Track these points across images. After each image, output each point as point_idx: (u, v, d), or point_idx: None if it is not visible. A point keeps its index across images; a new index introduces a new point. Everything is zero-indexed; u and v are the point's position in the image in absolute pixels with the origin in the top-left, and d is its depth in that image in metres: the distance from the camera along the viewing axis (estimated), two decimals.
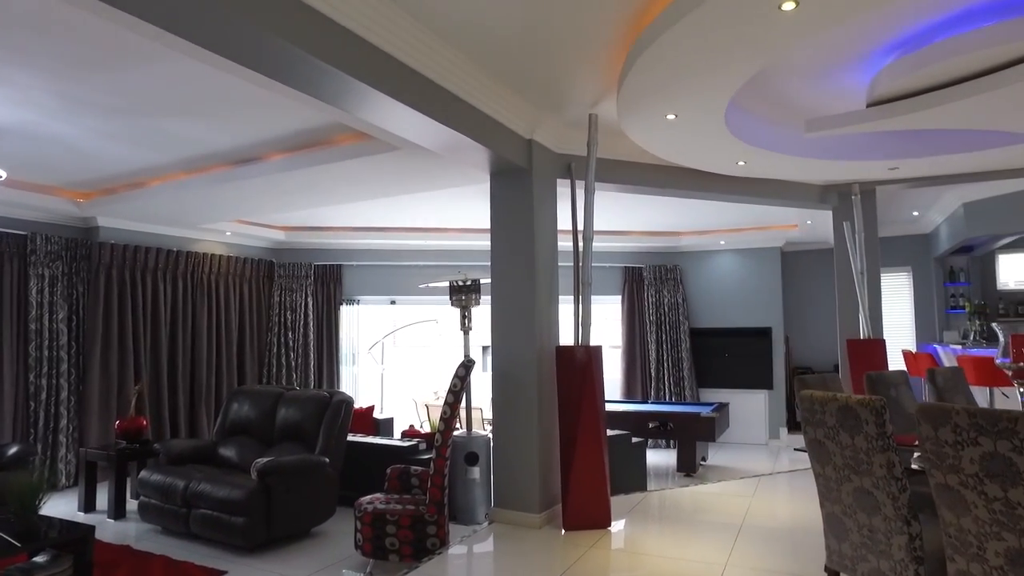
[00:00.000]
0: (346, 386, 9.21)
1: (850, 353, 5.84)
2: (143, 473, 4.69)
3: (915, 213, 8.44)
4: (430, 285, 5.63)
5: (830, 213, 7.78)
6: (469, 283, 5.42)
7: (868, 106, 3.84)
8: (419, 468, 4.44)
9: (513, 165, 4.53)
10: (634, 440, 6.16)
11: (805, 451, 3.53)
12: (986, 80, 3.44)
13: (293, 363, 8.62)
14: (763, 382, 9.51)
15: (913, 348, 9.14)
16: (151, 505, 4.59)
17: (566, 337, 5.05)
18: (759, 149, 4.66)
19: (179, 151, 5.01)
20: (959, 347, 7.66)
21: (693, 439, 7.33)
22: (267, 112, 4.24)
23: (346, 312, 9.26)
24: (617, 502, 4.92)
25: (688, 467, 7.32)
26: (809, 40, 2.98)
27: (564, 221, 5.16)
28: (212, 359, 7.59)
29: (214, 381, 7.58)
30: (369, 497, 4.22)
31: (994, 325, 3.29)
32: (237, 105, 4.12)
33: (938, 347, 8.67)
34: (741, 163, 5.06)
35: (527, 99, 4.30)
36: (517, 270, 4.71)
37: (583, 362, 4.54)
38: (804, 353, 10.29)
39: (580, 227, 4.65)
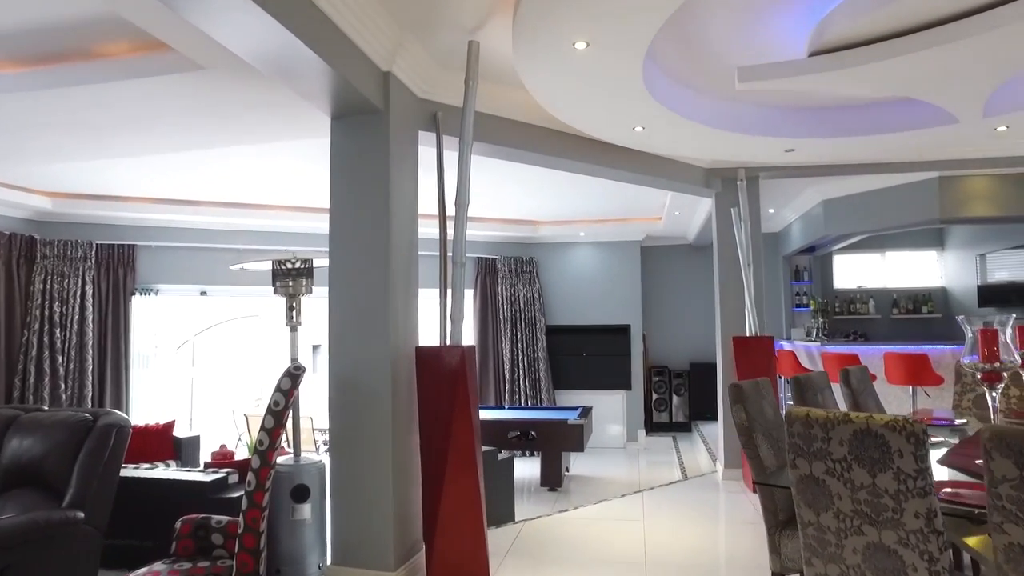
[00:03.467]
0: (139, 397, 7.37)
1: (736, 351, 5.34)
2: None
3: (771, 210, 8.37)
4: (244, 267, 4.27)
5: (696, 206, 7.45)
6: (299, 265, 4.14)
7: (810, 56, 3.19)
8: (224, 519, 3.14)
9: (364, 102, 3.37)
10: (500, 456, 5.23)
11: (764, 485, 2.76)
12: (950, 28, 2.89)
13: (62, 370, 6.67)
14: (621, 382, 9.05)
15: None
16: None
17: (429, 335, 3.99)
18: (664, 109, 3.90)
19: None
20: (814, 344, 7.61)
21: (559, 449, 6.57)
22: None
23: (141, 304, 7.42)
24: (489, 540, 3.93)
25: (553, 481, 6.53)
26: None
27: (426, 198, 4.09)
28: None
29: None
30: (144, 570, 2.86)
31: (959, 318, 2.71)
32: None
33: (785, 343, 8.70)
34: (639, 128, 4.30)
35: (389, 10, 3.17)
36: (366, 247, 3.55)
37: (454, 367, 3.49)
38: (660, 351, 10.02)
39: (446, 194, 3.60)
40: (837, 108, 4.51)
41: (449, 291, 3.58)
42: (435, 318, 3.69)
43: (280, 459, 3.97)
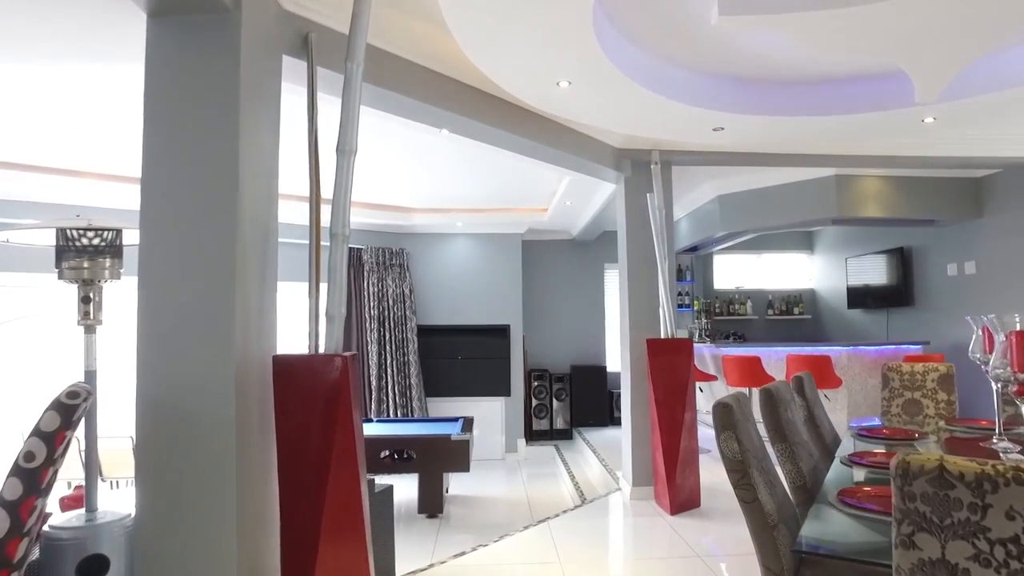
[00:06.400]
0: None
1: (651, 355, 4.71)
2: None
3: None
4: (10, 240, 2.93)
5: (592, 195, 6.84)
6: (98, 238, 2.89)
7: None
8: None
9: None
10: (378, 488, 4.21)
11: (801, 553, 2.02)
12: None
13: None
14: (500, 388, 8.27)
15: None
16: None
17: (293, 340, 2.93)
18: (603, 57, 3.14)
19: None
20: (706, 346, 7.28)
21: (440, 470, 5.63)
22: None
23: None
24: None
25: (434, 507, 5.58)
26: None
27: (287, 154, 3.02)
28: None
29: None
30: None
31: (969, 319, 2.15)
32: None
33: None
34: (564, 84, 3.50)
35: None
36: (201, 213, 2.43)
37: (330, 384, 2.48)
38: (540, 354, 9.37)
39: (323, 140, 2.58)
40: (778, 83, 4.02)
41: (330, 275, 2.56)
42: (295, 317, 2.65)
43: (61, 518, 2.73)
